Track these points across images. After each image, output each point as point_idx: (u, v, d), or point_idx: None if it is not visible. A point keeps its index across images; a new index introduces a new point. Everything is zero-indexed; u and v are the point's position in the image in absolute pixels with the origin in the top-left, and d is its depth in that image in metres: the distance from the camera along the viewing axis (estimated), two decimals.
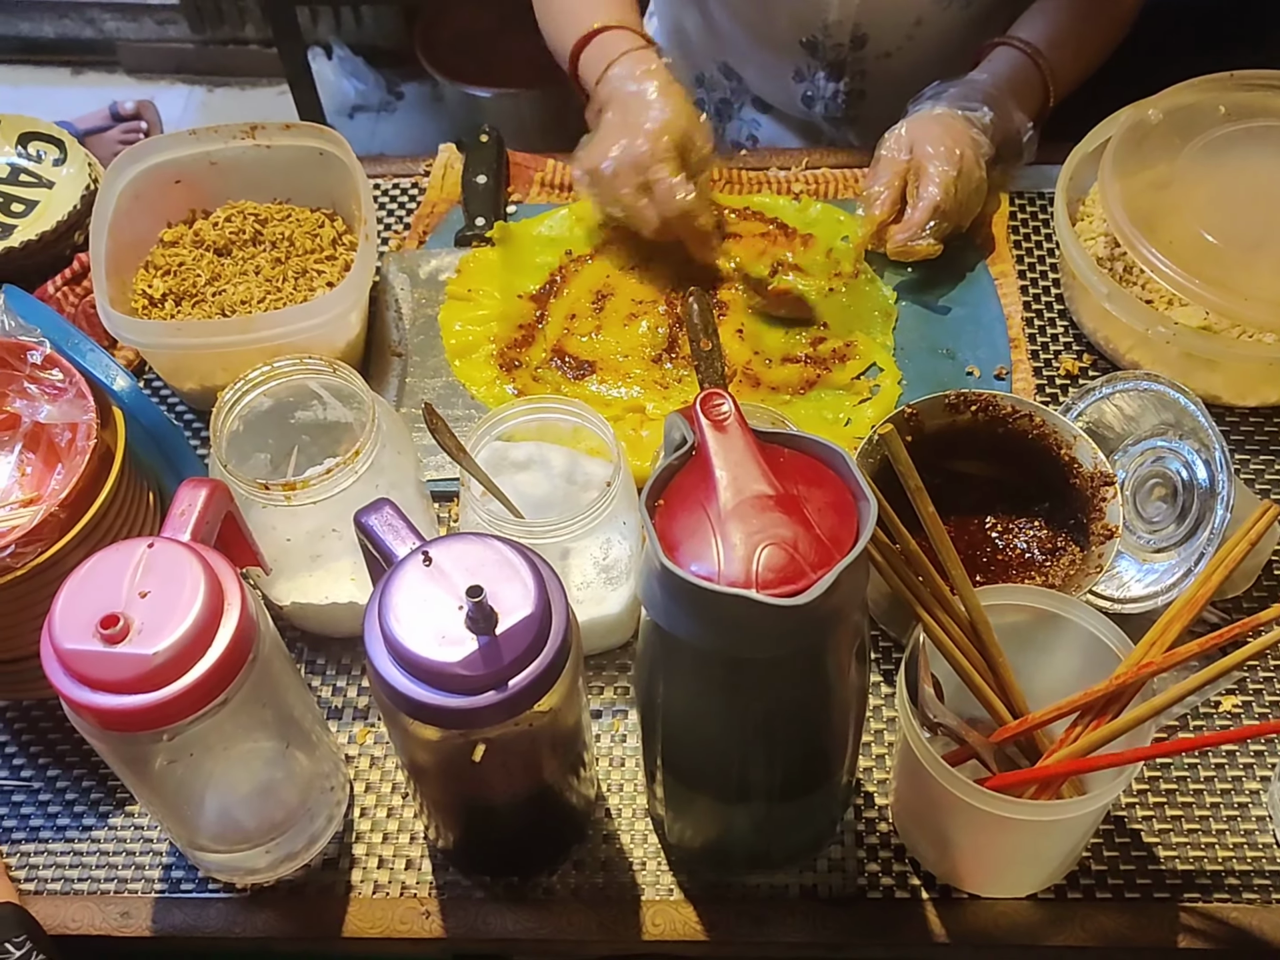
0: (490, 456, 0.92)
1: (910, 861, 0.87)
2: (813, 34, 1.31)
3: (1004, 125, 1.17)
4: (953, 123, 1.14)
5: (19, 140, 1.25)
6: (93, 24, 2.94)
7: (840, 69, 1.34)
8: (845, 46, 1.31)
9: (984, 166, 1.14)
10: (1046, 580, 0.94)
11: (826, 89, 1.36)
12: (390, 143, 2.80)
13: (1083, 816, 0.76)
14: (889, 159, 1.15)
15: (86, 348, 0.91)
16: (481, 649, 0.67)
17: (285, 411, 0.94)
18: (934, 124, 1.14)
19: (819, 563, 0.63)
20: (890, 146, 1.15)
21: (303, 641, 0.99)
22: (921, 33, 1.29)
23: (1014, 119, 1.18)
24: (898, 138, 1.15)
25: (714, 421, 0.67)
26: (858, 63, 1.33)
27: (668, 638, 0.68)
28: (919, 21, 1.28)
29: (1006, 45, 1.22)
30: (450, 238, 1.22)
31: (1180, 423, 0.95)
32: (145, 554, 0.72)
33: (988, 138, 1.14)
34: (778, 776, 0.76)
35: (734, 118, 1.47)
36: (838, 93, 1.36)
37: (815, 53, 1.32)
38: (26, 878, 0.89)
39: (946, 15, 1.27)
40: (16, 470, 0.91)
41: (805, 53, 1.33)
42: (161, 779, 0.78)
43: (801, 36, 1.32)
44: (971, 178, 1.13)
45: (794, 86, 1.37)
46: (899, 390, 1.09)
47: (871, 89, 1.35)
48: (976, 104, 1.15)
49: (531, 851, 0.87)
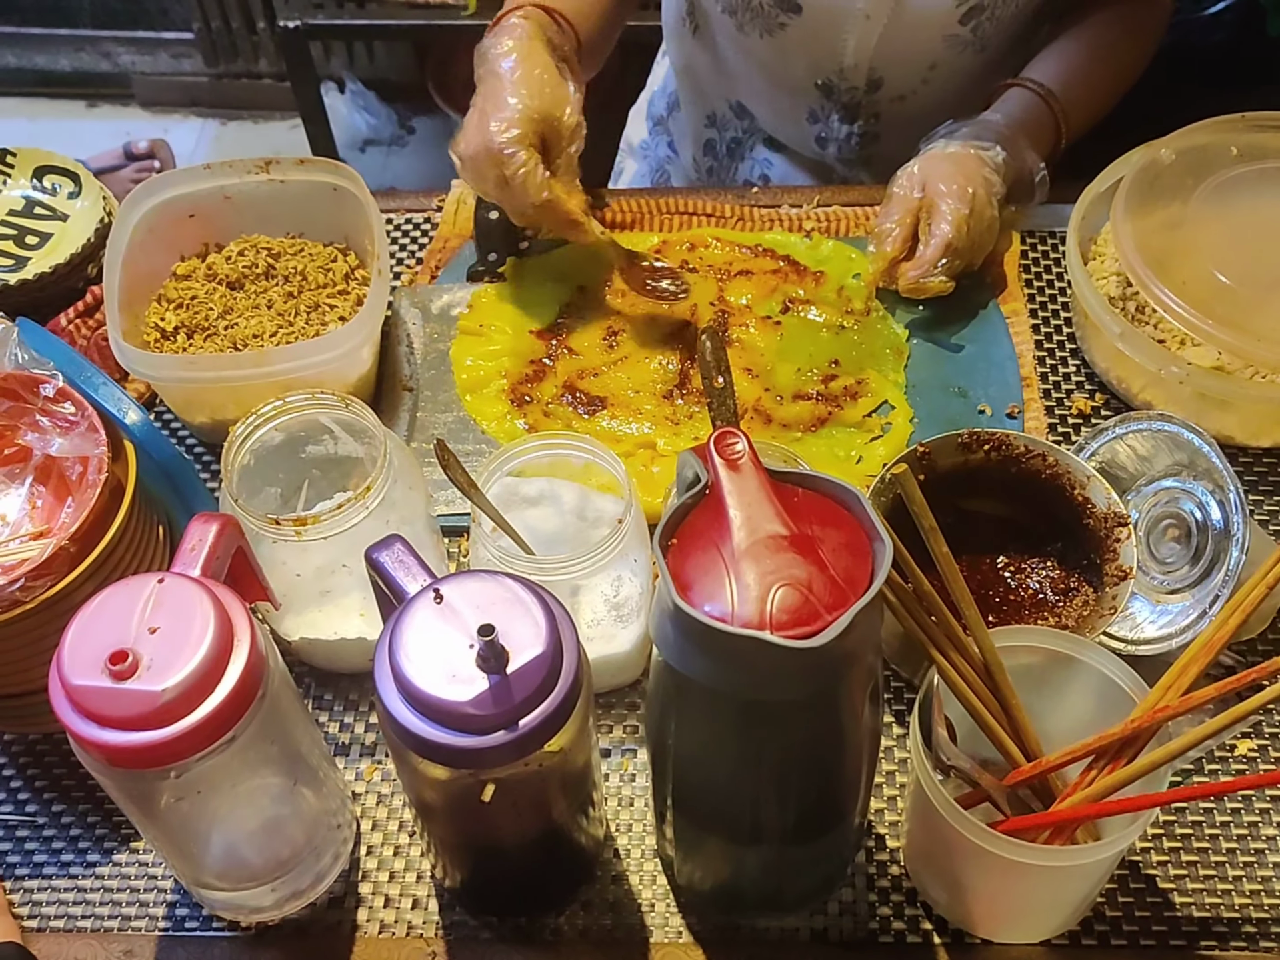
0: (501, 492, 0.92)
1: (922, 905, 0.86)
2: (828, 77, 1.31)
3: (1016, 165, 1.17)
4: (966, 161, 1.14)
5: (34, 173, 1.26)
6: (108, 57, 2.96)
7: (855, 111, 1.34)
8: (860, 90, 1.31)
9: (996, 205, 1.14)
10: (1059, 621, 0.93)
11: (840, 131, 1.36)
12: (402, 176, 2.82)
13: (1098, 862, 0.75)
14: (901, 196, 1.15)
15: (99, 381, 0.91)
16: (492, 688, 0.67)
17: (296, 445, 0.94)
18: (947, 162, 1.14)
19: (834, 604, 0.62)
20: (902, 184, 1.15)
21: (310, 677, 0.98)
22: (936, 76, 1.30)
23: (1026, 159, 1.18)
24: (910, 175, 1.15)
25: (728, 460, 0.67)
26: (872, 105, 1.33)
27: (680, 678, 0.67)
28: (934, 65, 1.29)
29: (1019, 86, 1.22)
30: (462, 273, 1.22)
31: (1194, 463, 0.94)
32: (155, 589, 0.72)
33: (1000, 176, 1.15)
34: (790, 819, 0.75)
35: (746, 157, 1.47)
36: (851, 135, 1.36)
37: (830, 95, 1.33)
38: (30, 914, 0.88)
39: (962, 59, 1.28)
40: (27, 503, 0.91)
41: (820, 95, 1.33)
42: (167, 816, 0.77)
43: (817, 79, 1.32)
44: (984, 216, 1.13)
45: (808, 128, 1.38)
46: (910, 428, 1.09)
47: (886, 131, 1.35)
48: (989, 143, 1.15)
49: (539, 892, 0.87)
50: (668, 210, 1.27)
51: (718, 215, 1.26)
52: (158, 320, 1.11)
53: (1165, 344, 1.06)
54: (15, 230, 1.22)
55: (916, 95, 1.32)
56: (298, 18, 2.18)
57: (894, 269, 1.15)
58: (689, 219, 1.27)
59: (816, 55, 1.30)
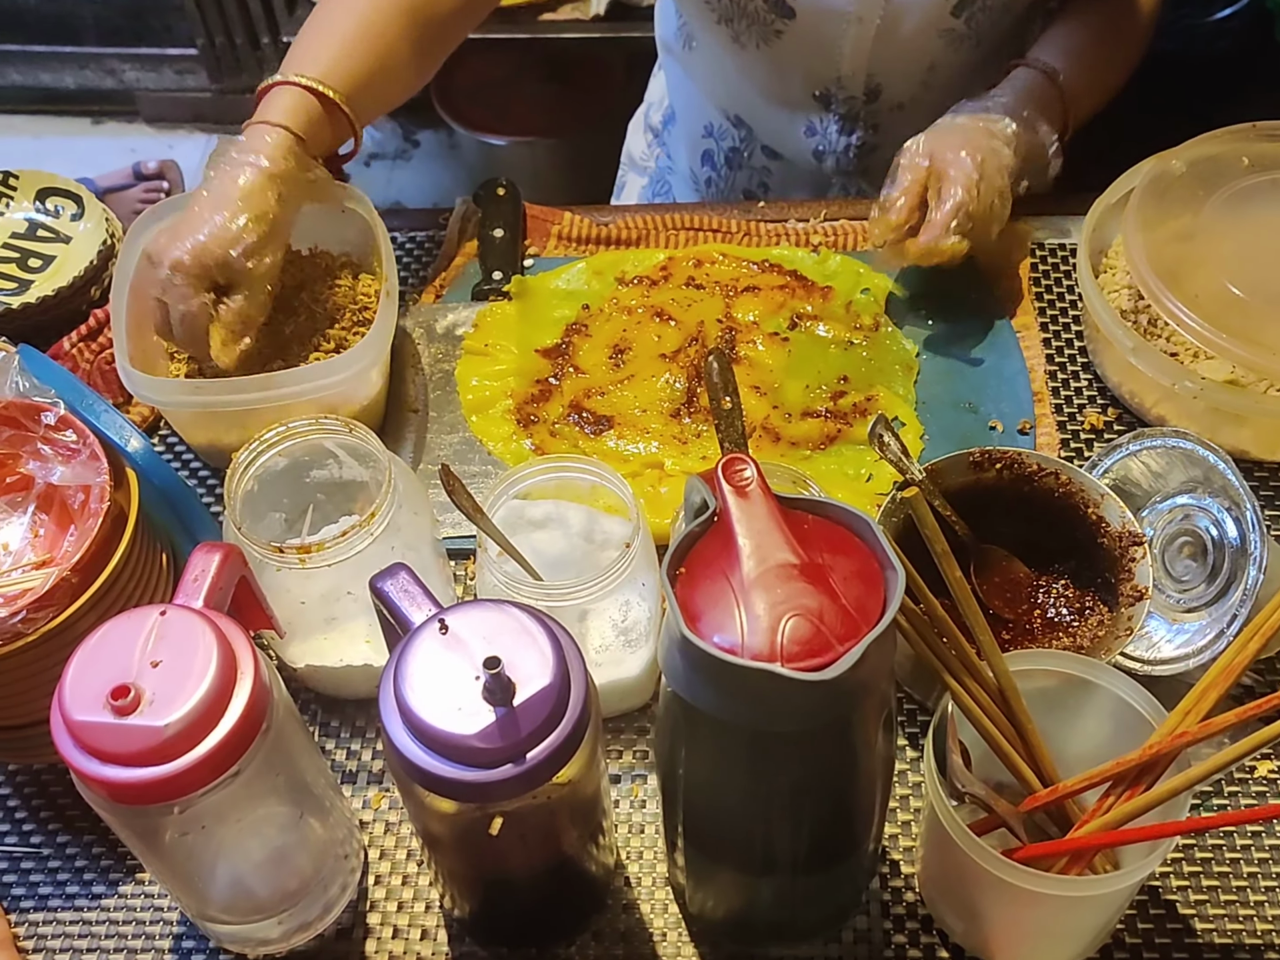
0: (508, 515, 0.91)
1: (938, 933, 0.85)
2: (826, 86, 1.30)
3: (1028, 137, 1.15)
4: (974, 131, 1.12)
5: (37, 195, 1.25)
6: (113, 74, 2.96)
7: (853, 122, 1.33)
8: (859, 100, 1.30)
9: (1007, 177, 1.12)
10: (1074, 641, 0.92)
11: (839, 143, 1.35)
12: (406, 190, 2.81)
13: (1116, 892, 0.74)
14: (908, 165, 1.12)
15: (101, 409, 0.90)
16: (499, 721, 0.66)
17: (300, 470, 0.93)
18: (954, 133, 1.12)
19: (845, 634, 0.61)
20: (909, 154, 1.12)
21: (316, 703, 0.97)
22: (935, 79, 1.29)
23: (1038, 130, 1.16)
24: (916, 145, 1.12)
25: (736, 488, 0.66)
26: (871, 116, 1.32)
27: (689, 709, 0.66)
28: (932, 67, 1.28)
29: (1024, 66, 1.21)
30: (467, 292, 1.22)
31: (1209, 480, 0.93)
32: (157, 622, 0.71)
33: (1010, 149, 1.13)
34: (803, 849, 0.74)
35: (744, 166, 1.46)
36: (849, 146, 1.35)
37: (828, 106, 1.32)
38: (35, 948, 0.87)
39: (959, 57, 1.27)
40: (29, 532, 0.91)
41: (818, 106, 1.32)
42: (172, 850, 0.76)
43: (814, 90, 1.31)
44: (994, 183, 1.10)
45: (805, 140, 1.37)
46: (921, 445, 1.08)
47: (884, 142, 1.34)
48: (998, 115, 1.14)
49: (550, 922, 0.85)
50: (673, 226, 1.26)
51: (724, 231, 1.26)
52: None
53: (1178, 357, 1.05)
54: (18, 253, 1.22)
55: (916, 102, 1.31)
56: None
57: (900, 242, 1.12)
58: (695, 235, 1.26)
59: (813, 63, 1.28)
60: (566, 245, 1.27)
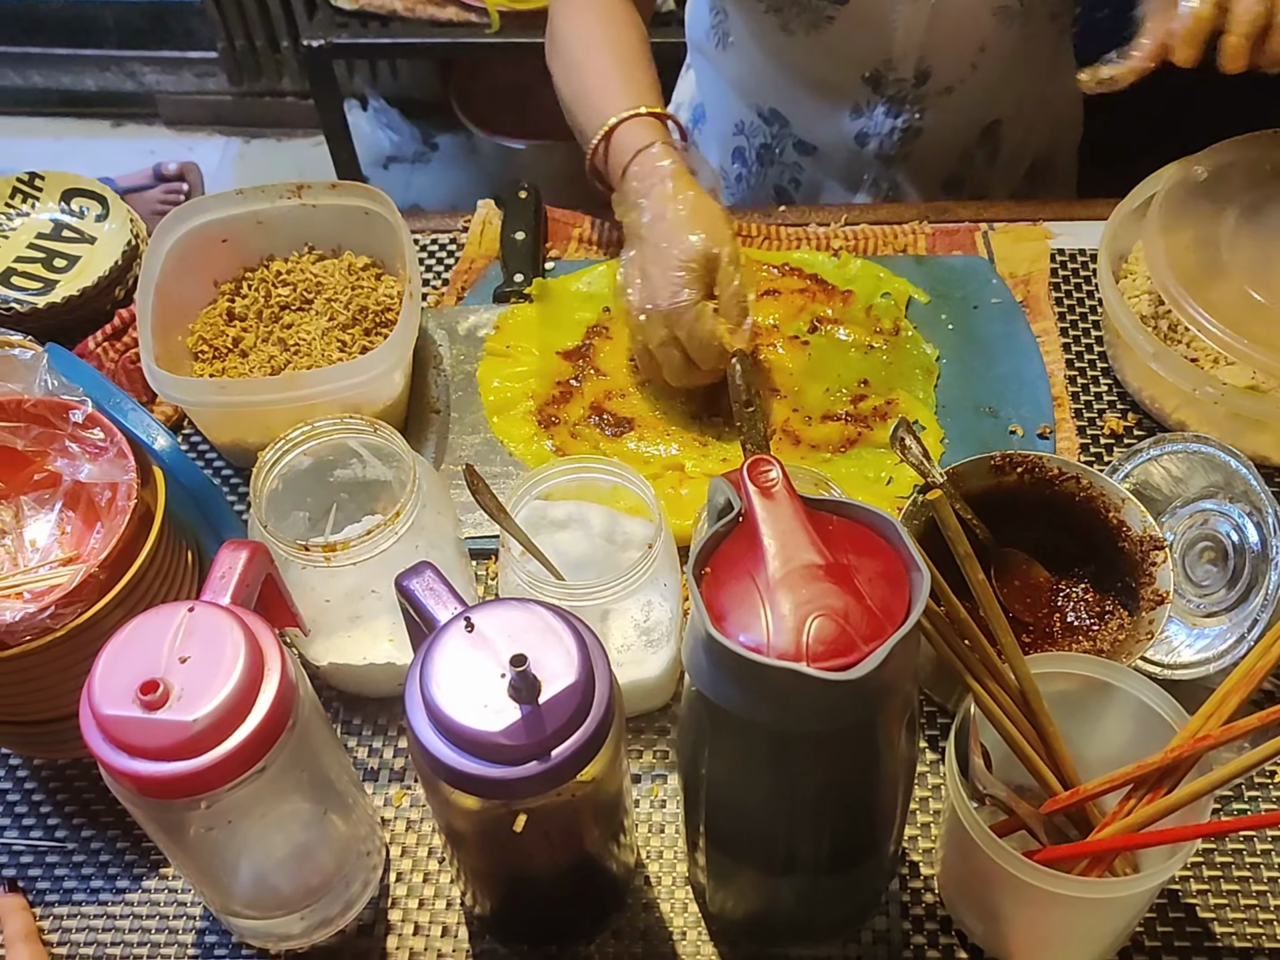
0: (529, 515, 0.91)
1: (957, 934, 0.85)
2: (875, 69, 1.30)
3: None
4: None
5: (62, 196, 1.27)
6: (133, 77, 2.98)
7: (900, 105, 1.33)
8: (908, 82, 1.30)
9: None
10: (1094, 645, 0.92)
11: (884, 126, 1.35)
12: (425, 194, 2.82)
13: (1137, 894, 0.74)
14: None
15: (128, 407, 0.91)
16: (524, 718, 0.66)
17: (324, 470, 0.94)
18: None
19: (870, 635, 0.61)
20: None
21: (338, 701, 0.98)
22: (984, 60, 1.29)
23: None
24: None
25: (761, 489, 0.66)
26: (918, 100, 1.32)
27: (713, 708, 0.67)
28: (983, 47, 1.28)
29: None
30: (488, 294, 1.22)
31: (1230, 485, 0.93)
32: (185, 618, 0.72)
33: None
34: (825, 849, 0.74)
35: (775, 162, 1.46)
36: (894, 129, 1.35)
37: (877, 88, 1.32)
38: (59, 941, 0.88)
39: (1009, 35, 1.27)
40: (56, 529, 0.91)
41: (867, 88, 1.32)
42: (197, 844, 0.77)
43: (864, 71, 1.31)
44: None
45: (849, 124, 1.36)
46: (941, 449, 1.08)
47: (929, 126, 1.34)
48: None
49: (570, 920, 0.86)
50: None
51: (744, 234, 1.26)
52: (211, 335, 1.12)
53: (1198, 363, 1.05)
54: (43, 253, 1.23)
55: (964, 85, 1.31)
56: (322, 36, 2.19)
57: None
58: None
59: (864, 47, 1.28)
60: (587, 248, 1.27)
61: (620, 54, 1.22)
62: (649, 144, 1.12)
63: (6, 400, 0.88)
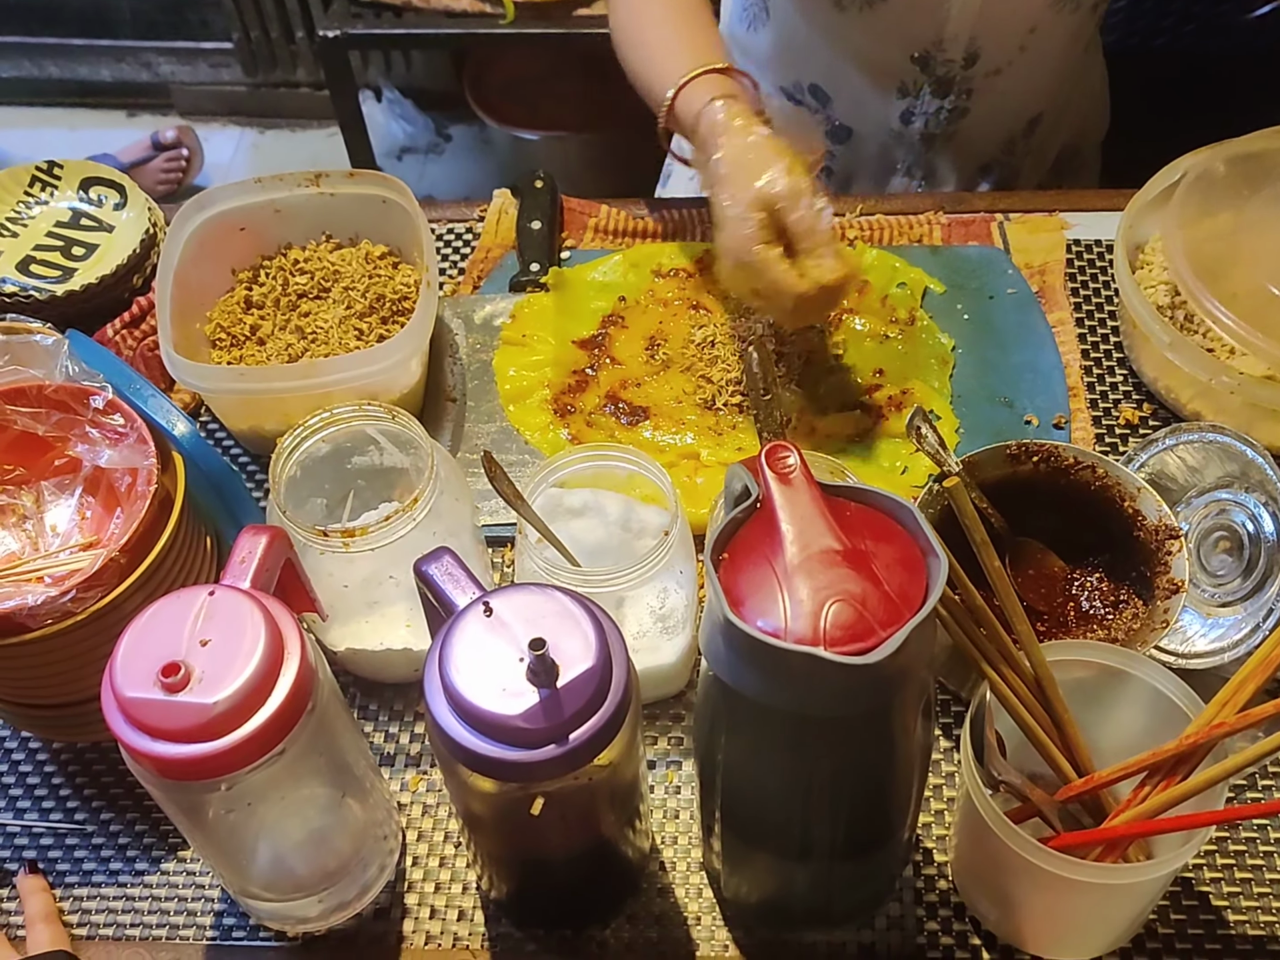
0: (546, 503, 0.92)
1: (970, 920, 0.86)
2: (925, 48, 1.30)
3: None
4: None
5: (81, 185, 1.27)
6: (148, 68, 2.99)
7: (948, 86, 1.33)
8: (957, 63, 1.30)
9: None
10: (1109, 634, 0.92)
11: (930, 105, 1.35)
12: (438, 185, 2.82)
13: (1151, 881, 0.75)
14: None
15: (148, 393, 0.91)
16: (542, 702, 0.66)
17: (342, 457, 0.94)
18: None
19: (888, 620, 0.62)
20: None
21: (355, 687, 0.99)
22: (1033, 42, 1.29)
23: None
24: None
25: (780, 474, 0.67)
26: (966, 81, 1.32)
27: (730, 693, 0.67)
28: (1034, 29, 1.28)
29: None
30: (504, 283, 1.23)
31: (1246, 475, 0.93)
32: (206, 602, 0.72)
33: None
34: (840, 835, 0.74)
35: None
36: (941, 109, 1.35)
37: (926, 68, 1.31)
38: (79, 922, 0.89)
39: (1060, 18, 1.27)
40: (77, 514, 0.92)
41: (915, 68, 1.32)
42: (216, 827, 0.77)
43: (914, 51, 1.31)
44: None
45: (895, 104, 1.36)
46: (956, 438, 1.08)
47: (975, 107, 1.34)
48: None
49: (586, 904, 0.86)
50: (709, 221, 1.26)
51: None
52: (228, 323, 1.13)
53: (1214, 352, 1.05)
54: (62, 241, 1.24)
55: (1012, 67, 1.31)
56: (337, 27, 2.19)
57: None
58: None
59: (917, 25, 1.28)
60: (603, 238, 1.27)
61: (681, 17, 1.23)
62: (710, 100, 1.10)
63: (28, 386, 0.89)
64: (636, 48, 1.25)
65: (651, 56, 1.22)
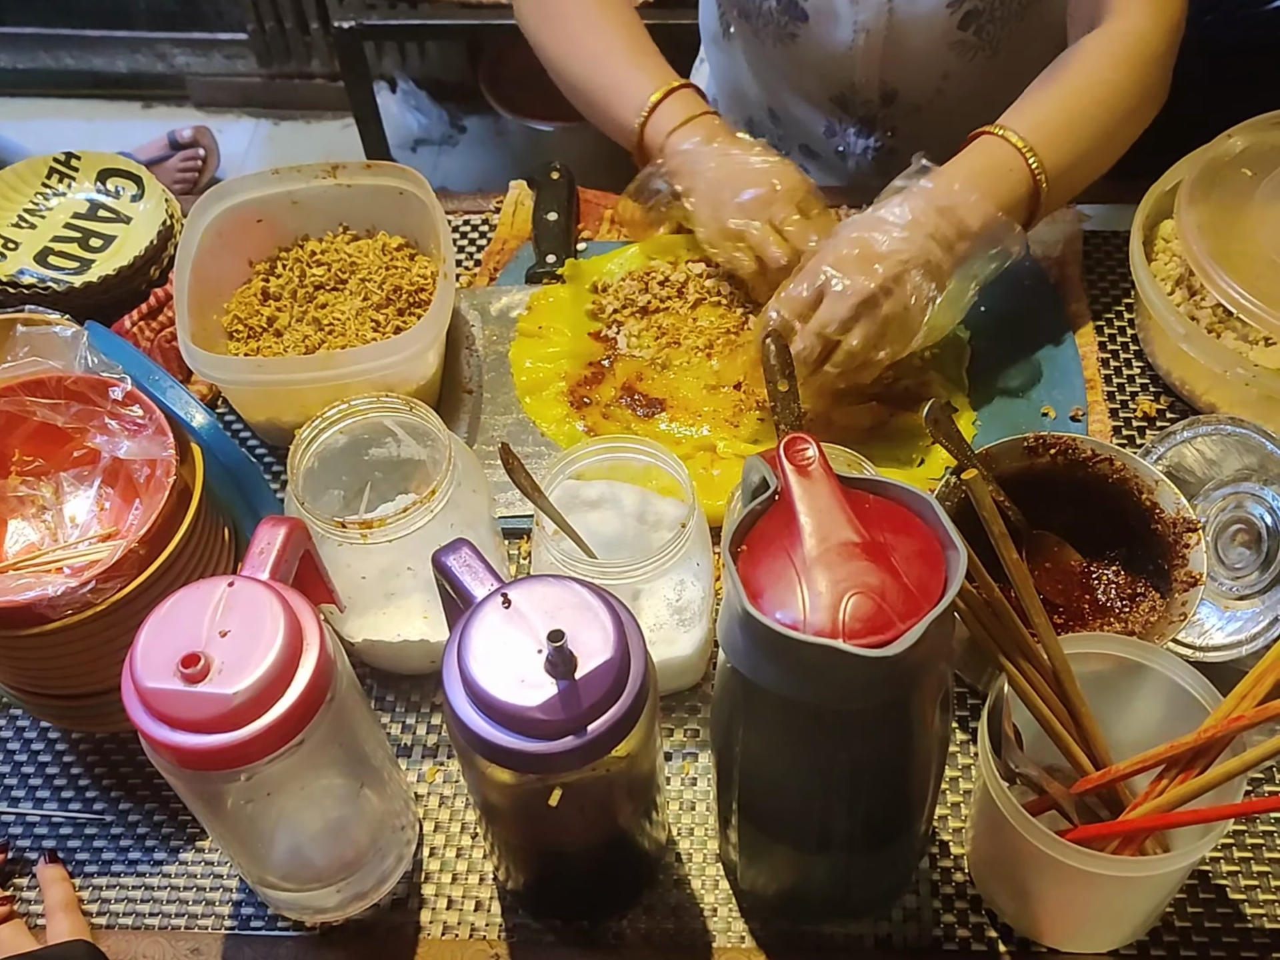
0: (562, 495, 0.92)
1: (987, 913, 0.86)
2: (842, 90, 1.30)
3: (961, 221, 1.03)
4: None
5: (98, 176, 1.27)
6: (164, 59, 2.99)
7: (871, 125, 1.33)
8: (875, 103, 1.30)
9: None
10: (1126, 627, 0.92)
11: (857, 145, 1.34)
12: (452, 176, 2.82)
13: (1168, 874, 0.75)
14: None
15: (166, 384, 0.91)
16: (561, 694, 0.67)
17: (360, 448, 0.94)
18: None
19: (907, 613, 0.62)
20: None
21: (372, 678, 0.99)
22: (950, 86, 1.27)
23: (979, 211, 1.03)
24: None
25: (798, 466, 0.67)
26: (889, 119, 1.31)
27: (749, 685, 0.67)
28: (946, 75, 1.26)
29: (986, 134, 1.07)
30: (521, 274, 1.23)
31: (1265, 467, 0.93)
32: (226, 593, 0.72)
33: None
34: (858, 827, 0.74)
35: None
36: (868, 149, 1.35)
37: (846, 108, 1.31)
38: (99, 911, 0.89)
39: (973, 66, 1.25)
40: (95, 505, 0.92)
41: (836, 108, 1.32)
42: (235, 816, 0.78)
43: (831, 93, 1.31)
44: None
45: (827, 141, 1.37)
46: (973, 431, 1.08)
47: (903, 145, 1.32)
48: None
49: (603, 896, 0.87)
50: None
51: None
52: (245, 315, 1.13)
53: (1216, 330, 1.05)
54: (80, 233, 1.24)
55: (933, 105, 1.29)
56: (352, 18, 2.19)
57: None
58: None
59: (827, 67, 1.28)
60: (620, 229, 1.27)
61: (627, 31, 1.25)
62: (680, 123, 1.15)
63: (47, 377, 0.90)
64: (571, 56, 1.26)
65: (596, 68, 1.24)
